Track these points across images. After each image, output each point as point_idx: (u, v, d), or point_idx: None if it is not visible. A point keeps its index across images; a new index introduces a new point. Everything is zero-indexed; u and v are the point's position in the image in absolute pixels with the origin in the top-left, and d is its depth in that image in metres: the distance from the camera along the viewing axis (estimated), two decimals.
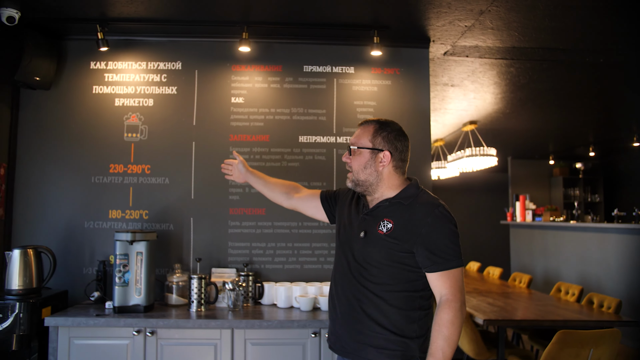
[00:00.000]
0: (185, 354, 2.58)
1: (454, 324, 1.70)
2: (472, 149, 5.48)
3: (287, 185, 2.33)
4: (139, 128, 3.15)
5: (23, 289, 2.66)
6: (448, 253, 1.74)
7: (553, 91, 4.44)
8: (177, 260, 3.06)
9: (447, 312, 1.71)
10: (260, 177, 2.36)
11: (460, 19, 2.91)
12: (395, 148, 1.88)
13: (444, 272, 1.74)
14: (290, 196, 2.28)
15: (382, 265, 1.82)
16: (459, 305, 1.72)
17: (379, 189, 1.90)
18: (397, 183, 1.90)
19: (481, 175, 8.99)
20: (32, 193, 3.09)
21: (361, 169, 1.89)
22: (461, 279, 1.77)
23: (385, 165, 1.87)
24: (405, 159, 1.93)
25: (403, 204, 1.84)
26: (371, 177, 1.88)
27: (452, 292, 1.73)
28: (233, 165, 2.41)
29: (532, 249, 7.45)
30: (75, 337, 2.57)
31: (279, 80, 3.21)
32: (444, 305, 1.73)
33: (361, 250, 1.87)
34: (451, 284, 1.74)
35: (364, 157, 1.88)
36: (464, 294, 1.77)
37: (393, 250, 1.80)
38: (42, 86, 3.03)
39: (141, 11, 2.84)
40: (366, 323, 1.82)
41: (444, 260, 1.74)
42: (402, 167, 1.92)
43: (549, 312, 3.84)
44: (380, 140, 1.87)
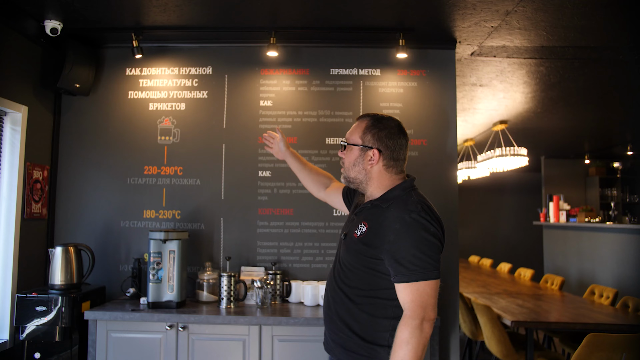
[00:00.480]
0: (215, 348, 2.68)
1: (409, 344, 1.55)
2: (503, 149, 5.41)
3: (320, 176, 2.33)
4: (172, 131, 3.27)
5: (65, 284, 2.82)
6: (413, 263, 1.59)
7: (586, 89, 4.34)
8: (208, 259, 3.17)
9: (402, 330, 1.58)
10: (298, 160, 2.35)
11: (486, 19, 2.90)
12: (386, 146, 1.77)
13: (407, 284, 1.60)
14: (321, 189, 2.30)
15: (355, 269, 1.75)
16: (417, 323, 1.56)
17: (369, 188, 1.82)
18: (387, 183, 1.79)
19: (513, 175, 8.84)
20: (72, 194, 3.26)
21: (351, 166, 1.82)
22: (428, 293, 1.59)
23: (374, 164, 1.78)
24: (399, 158, 1.80)
25: (382, 207, 1.73)
26: (360, 175, 1.81)
27: (411, 308, 1.59)
28: (275, 140, 2.40)
29: (566, 250, 7.28)
30: (112, 330, 2.70)
31: (307, 84, 3.28)
32: (401, 321, 1.60)
33: (342, 252, 1.84)
34: (412, 298, 1.58)
35: (354, 153, 1.81)
36: (430, 311, 1.59)
37: (363, 255, 1.72)
38: (81, 92, 3.19)
39: (173, 19, 2.96)
40: (339, 325, 1.78)
41: (408, 271, 1.59)
42: (396, 166, 1.80)
43: (580, 314, 3.78)
44: (370, 137, 1.78)
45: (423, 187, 3.17)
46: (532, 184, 9.45)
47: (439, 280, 1.62)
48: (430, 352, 2.68)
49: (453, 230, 3.19)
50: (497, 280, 5.74)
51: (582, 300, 4.48)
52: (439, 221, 1.69)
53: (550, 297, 4.54)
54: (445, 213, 3.20)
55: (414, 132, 3.25)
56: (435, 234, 1.64)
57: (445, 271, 3.17)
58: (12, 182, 2.91)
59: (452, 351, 3.13)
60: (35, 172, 3.07)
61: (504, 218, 9.84)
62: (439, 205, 3.13)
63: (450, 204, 3.20)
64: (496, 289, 5.01)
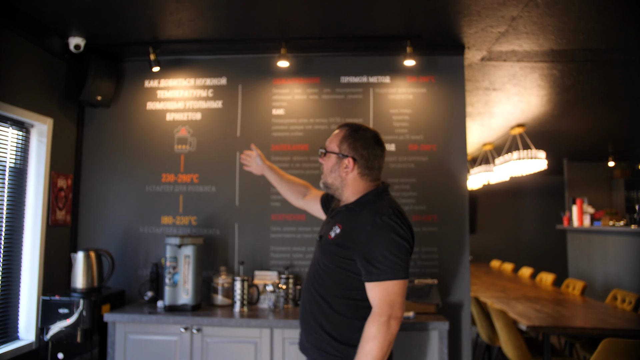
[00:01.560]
0: (228, 350, 2.76)
1: (375, 339, 1.64)
2: (520, 152, 5.36)
3: (297, 186, 2.44)
4: (188, 140, 3.39)
5: (86, 287, 2.95)
6: (383, 264, 1.69)
7: (602, 91, 4.29)
8: (222, 263, 3.27)
9: (370, 326, 1.67)
10: (276, 173, 2.48)
11: (492, 25, 2.93)
12: (361, 156, 1.86)
13: (377, 283, 1.69)
14: (299, 197, 2.41)
15: (330, 270, 1.82)
16: (384, 319, 1.66)
17: (344, 194, 1.91)
18: (361, 189, 1.88)
19: (534, 179, 8.71)
20: (94, 201, 3.41)
21: (328, 172, 1.91)
22: (396, 292, 1.69)
23: (349, 171, 1.87)
24: (374, 167, 1.89)
25: (355, 210, 1.83)
26: (336, 181, 1.90)
27: (379, 305, 1.68)
28: (251, 157, 2.54)
29: (591, 254, 7.13)
30: (130, 332, 2.82)
31: (317, 92, 3.36)
32: (370, 318, 1.69)
33: (317, 254, 1.92)
34: (381, 296, 1.68)
35: (331, 160, 1.90)
36: (397, 309, 1.68)
37: (336, 255, 1.80)
38: (103, 104, 3.34)
39: (188, 33, 3.08)
40: (313, 325, 1.84)
41: (378, 270, 1.69)
42: (370, 175, 1.89)
43: (600, 320, 3.72)
44: (346, 146, 1.87)
45: (433, 192, 3.23)
46: (554, 188, 9.28)
47: (407, 280, 1.72)
48: (439, 356, 2.70)
49: (464, 234, 3.21)
50: (517, 285, 5.68)
51: (604, 305, 4.40)
52: (409, 225, 1.78)
53: (571, 302, 4.48)
54: (455, 217, 3.22)
55: (424, 137, 3.29)
56: (405, 236, 1.73)
57: (455, 275, 3.19)
58: (38, 191, 3.07)
59: (464, 356, 3.13)
60: (60, 181, 3.22)
61: (526, 222, 9.68)
62: (448, 210, 3.20)
63: (461, 208, 3.22)
64: (515, 293, 4.96)
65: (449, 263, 3.20)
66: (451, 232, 3.21)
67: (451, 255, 3.20)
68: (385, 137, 3.28)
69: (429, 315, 2.87)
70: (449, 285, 3.19)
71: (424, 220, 3.23)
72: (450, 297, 3.18)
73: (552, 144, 6.70)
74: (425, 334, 2.73)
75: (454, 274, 3.19)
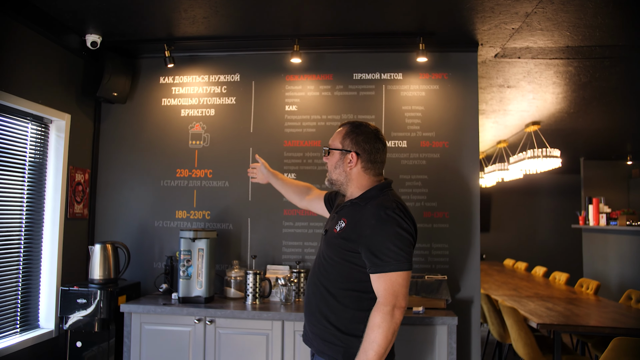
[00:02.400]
0: (240, 342, 2.82)
1: (380, 327, 1.71)
2: (535, 150, 5.32)
3: (300, 188, 2.53)
4: (202, 136, 3.44)
5: (103, 279, 3.03)
6: (388, 255, 1.74)
7: (620, 88, 4.23)
8: (235, 257, 3.32)
9: (375, 315, 1.73)
10: (280, 179, 2.59)
11: (506, 22, 2.92)
12: (364, 150, 1.93)
13: (381, 275, 1.75)
14: (302, 198, 2.49)
15: (334, 262, 1.89)
16: (389, 309, 1.72)
17: (349, 189, 1.97)
18: (365, 184, 1.95)
19: (549, 177, 8.63)
20: (111, 195, 3.48)
21: (333, 168, 1.99)
22: (400, 283, 1.74)
23: (353, 166, 1.93)
24: (376, 161, 1.95)
25: (360, 204, 1.89)
26: (341, 176, 1.96)
27: (384, 296, 1.74)
28: (257, 168, 2.66)
29: (607, 254, 7.05)
30: (145, 322, 2.89)
31: (330, 88, 3.38)
32: (374, 308, 1.75)
33: (323, 247, 1.98)
34: (386, 287, 1.74)
35: (335, 157, 1.98)
36: (401, 299, 1.74)
37: (341, 248, 1.86)
38: (119, 100, 3.41)
39: (202, 30, 3.13)
40: (317, 317, 1.91)
41: (382, 262, 1.75)
42: (373, 169, 1.95)
43: (612, 319, 3.70)
44: (349, 142, 1.94)
45: (444, 188, 3.24)
46: (570, 186, 9.16)
47: (410, 271, 1.78)
48: (448, 350, 2.72)
49: (474, 231, 3.21)
50: (530, 283, 5.65)
51: (617, 304, 4.36)
52: (412, 219, 1.84)
53: (584, 302, 4.45)
54: (466, 214, 3.23)
55: (436, 134, 3.29)
56: (408, 229, 1.80)
57: (464, 271, 3.20)
58: (57, 185, 3.16)
59: (473, 352, 3.14)
60: (78, 175, 3.31)
61: (541, 221, 9.59)
62: (460, 207, 3.21)
63: (472, 204, 3.22)
64: (527, 292, 4.94)
65: (459, 259, 3.21)
66: (462, 229, 3.22)
67: (461, 252, 3.21)
68: (397, 134, 3.31)
69: (439, 310, 2.89)
70: (459, 282, 3.20)
71: (435, 217, 3.24)
72: (460, 293, 3.18)
73: (569, 142, 6.63)
74: (434, 329, 2.75)
75: (464, 271, 3.20)
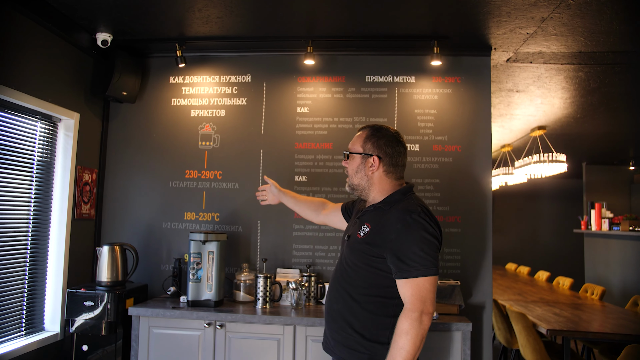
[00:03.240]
0: (251, 347, 2.78)
1: (408, 334, 1.67)
2: (540, 155, 5.32)
3: (315, 203, 2.49)
4: (212, 137, 3.41)
5: (110, 281, 2.98)
6: (414, 260, 1.72)
7: (629, 94, 4.23)
8: (245, 260, 3.28)
9: (403, 321, 1.70)
10: (292, 197, 2.54)
11: (522, 26, 2.90)
12: (385, 153, 1.90)
13: (408, 280, 1.72)
14: (319, 213, 2.46)
15: (357, 268, 1.85)
16: (417, 315, 1.69)
17: (371, 193, 1.94)
18: (388, 188, 1.92)
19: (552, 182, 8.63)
20: (118, 196, 3.44)
21: (354, 173, 1.95)
22: (427, 288, 1.72)
23: (375, 169, 1.91)
24: (398, 164, 1.93)
25: (384, 209, 1.86)
26: (363, 181, 1.93)
27: (411, 301, 1.71)
28: (267, 190, 2.59)
29: (609, 259, 7.06)
30: (154, 326, 2.84)
31: (342, 91, 3.36)
32: (402, 314, 1.72)
33: (345, 253, 1.94)
34: (413, 292, 1.71)
35: (356, 162, 1.95)
36: (429, 305, 1.72)
37: (366, 254, 1.83)
38: (128, 100, 3.37)
39: (215, 30, 3.10)
40: (340, 323, 1.87)
41: (409, 267, 1.72)
42: (395, 172, 1.93)
43: (621, 325, 3.69)
44: (370, 145, 1.92)
45: (456, 193, 3.21)
46: (572, 191, 9.19)
47: (437, 276, 1.75)
48: (462, 357, 2.69)
49: (487, 236, 3.19)
50: (534, 288, 5.64)
51: (624, 311, 4.35)
52: (437, 223, 1.82)
53: (590, 307, 4.44)
54: (479, 219, 3.20)
55: (448, 138, 3.27)
56: (434, 234, 1.77)
57: (477, 276, 3.18)
58: (64, 185, 3.11)
59: (485, 357, 3.12)
60: (85, 175, 3.26)
61: (542, 225, 9.60)
62: (472, 211, 3.18)
63: (484, 209, 3.20)
64: (532, 297, 4.93)
65: (471, 264, 3.18)
66: (474, 234, 3.20)
67: (474, 257, 3.19)
68: (410, 138, 3.28)
69: (452, 316, 2.86)
70: (471, 287, 3.17)
71: (447, 221, 3.22)
72: (472, 298, 3.16)
73: (572, 146, 6.63)
74: (447, 335, 2.72)
75: (476, 276, 3.18)
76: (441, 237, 1.83)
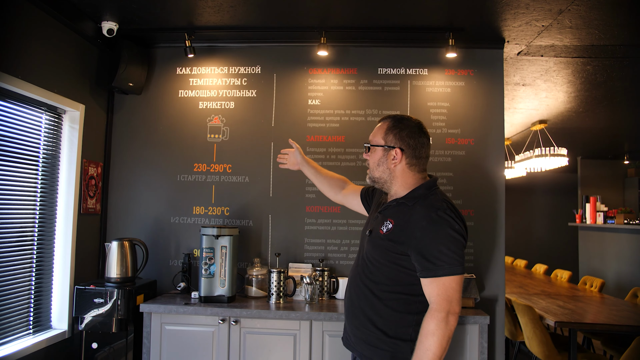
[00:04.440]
0: (266, 342, 2.73)
1: (434, 335, 1.63)
2: (542, 149, 5.34)
3: (335, 180, 2.40)
4: (221, 129, 3.34)
5: (120, 277, 2.90)
6: (440, 259, 1.66)
7: (633, 88, 4.26)
8: (256, 255, 3.23)
9: (429, 322, 1.65)
10: (313, 167, 2.44)
11: (538, 19, 2.88)
12: (408, 145, 1.83)
13: (434, 279, 1.67)
14: (337, 192, 2.37)
15: (380, 265, 1.80)
16: (443, 315, 1.64)
17: (393, 187, 1.87)
18: (411, 182, 1.85)
19: (547, 176, 8.72)
20: (124, 190, 3.35)
21: (375, 166, 1.88)
22: (454, 288, 1.66)
23: (397, 162, 1.83)
24: (421, 156, 1.85)
25: (408, 205, 1.79)
26: (384, 174, 1.86)
27: (437, 301, 1.66)
28: (289, 154, 2.51)
29: (604, 252, 7.15)
30: (166, 323, 2.78)
31: (354, 83, 3.31)
32: (427, 314, 1.67)
33: (366, 248, 1.88)
34: (439, 292, 1.66)
35: (377, 154, 1.87)
36: (455, 304, 1.66)
37: (389, 251, 1.77)
38: (134, 91, 3.28)
39: (226, 19, 3.02)
40: (362, 320, 1.82)
41: (435, 266, 1.66)
42: (418, 165, 1.85)
43: (625, 317, 3.72)
44: (392, 137, 1.84)
45: (469, 186, 3.20)
46: (567, 185, 9.29)
47: (463, 275, 1.70)
48: (479, 350, 2.68)
49: (499, 229, 3.18)
50: (534, 281, 5.69)
51: (625, 302, 4.41)
52: (462, 219, 1.75)
53: (591, 299, 4.48)
54: (492, 212, 3.20)
55: (461, 131, 3.25)
56: (460, 231, 1.71)
57: (489, 270, 3.17)
58: (70, 178, 3.02)
59: (498, 351, 3.12)
60: (91, 169, 3.17)
61: (538, 219, 9.70)
62: (485, 204, 3.17)
63: (497, 202, 3.19)
64: (534, 289, 4.96)
65: (484, 258, 3.18)
66: (487, 227, 3.19)
67: (486, 250, 3.18)
68: None
69: (468, 309, 2.85)
70: (484, 280, 3.16)
71: None
72: (485, 291, 3.15)
73: (569, 141, 6.68)
74: (462, 328, 2.70)
75: (489, 269, 3.17)
76: (467, 234, 1.77)
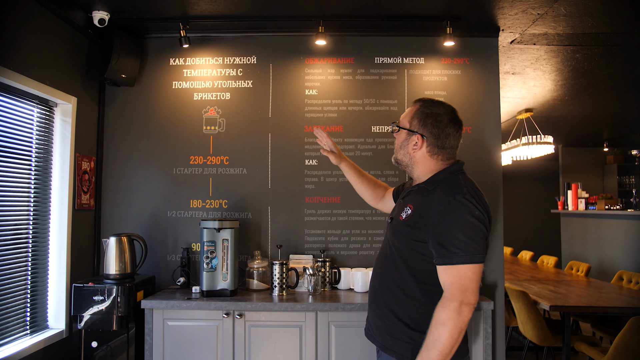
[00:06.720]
0: (272, 335, 2.71)
1: (445, 325, 1.54)
2: (528, 137, 5.42)
3: (377, 186, 2.32)
4: (217, 121, 3.28)
5: (119, 273, 2.84)
6: (456, 246, 1.57)
7: (618, 76, 4.35)
8: (256, 247, 3.19)
9: (440, 311, 1.57)
10: (355, 169, 2.33)
11: (534, 7, 2.91)
12: (430, 133, 1.75)
13: (448, 267, 1.58)
14: (377, 201, 2.31)
15: (401, 253, 1.74)
16: (455, 305, 1.55)
17: (415, 171, 1.82)
18: (433, 167, 1.78)
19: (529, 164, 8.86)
20: (118, 185, 3.27)
21: (398, 148, 1.85)
22: (469, 277, 1.56)
23: (418, 149, 1.77)
24: (445, 146, 1.76)
25: (428, 189, 1.72)
26: (405, 158, 1.82)
27: (450, 290, 1.57)
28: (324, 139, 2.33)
29: (586, 238, 7.33)
30: (168, 318, 2.73)
31: (351, 72, 3.29)
32: (440, 302, 1.59)
33: (388, 236, 1.83)
34: (452, 280, 1.57)
35: (401, 136, 1.83)
36: (470, 295, 1.56)
37: (408, 237, 1.71)
38: (127, 83, 3.19)
39: (222, 8, 2.96)
40: (384, 311, 1.77)
41: (450, 253, 1.58)
42: (442, 154, 1.77)
43: (614, 299, 3.83)
44: (417, 123, 1.77)
45: (468, 173, 3.20)
46: (548, 173, 9.48)
47: (482, 264, 1.60)
48: (484, 335, 2.71)
49: (497, 216, 3.22)
50: (522, 267, 5.79)
51: (611, 285, 4.53)
52: (485, 206, 1.66)
53: (579, 283, 4.59)
54: (490, 198, 3.20)
55: None
56: (480, 217, 1.61)
57: (489, 256, 3.21)
58: (63, 174, 2.93)
59: (498, 336, 3.17)
60: (84, 163, 3.08)
61: (521, 206, 9.87)
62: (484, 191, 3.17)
63: (495, 189, 3.23)
64: (524, 275, 5.05)
65: None
66: None
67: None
68: None
69: None
70: (484, 266, 3.19)
71: None
72: (485, 278, 3.19)
73: (552, 129, 6.80)
74: None
75: (488, 256, 3.20)
76: (490, 222, 1.66)
